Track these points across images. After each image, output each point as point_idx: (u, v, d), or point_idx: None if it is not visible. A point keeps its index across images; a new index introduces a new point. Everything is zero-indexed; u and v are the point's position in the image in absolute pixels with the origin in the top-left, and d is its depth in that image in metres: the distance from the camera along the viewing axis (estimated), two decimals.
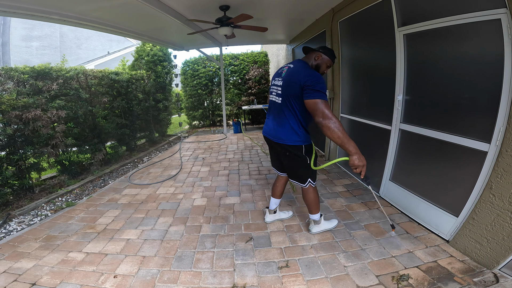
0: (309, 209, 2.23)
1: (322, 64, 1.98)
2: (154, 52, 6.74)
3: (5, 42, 11.89)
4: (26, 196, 3.30)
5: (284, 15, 4.27)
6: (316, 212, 2.21)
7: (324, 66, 1.98)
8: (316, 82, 1.73)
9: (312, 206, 2.19)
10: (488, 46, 1.73)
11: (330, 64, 2.01)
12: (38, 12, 2.94)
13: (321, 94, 1.71)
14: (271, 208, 2.47)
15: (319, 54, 1.97)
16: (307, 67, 1.89)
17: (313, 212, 2.22)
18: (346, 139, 1.67)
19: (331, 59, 1.99)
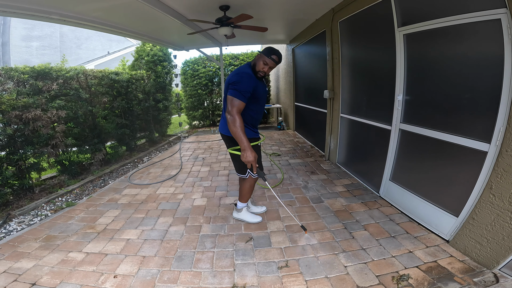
0: (239, 196, 2.46)
1: (258, 62, 2.06)
2: (154, 52, 6.74)
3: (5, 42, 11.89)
4: (26, 196, 3.30)
5: (284, 15, 4.27)
6: (242, 201, 2.44)
7: (260, 63, 2.04)
8: (237, 81, 1.94)
9: (242, 194, 2.41)
10: (488, 46, 1.73)
11: (266, 61, 2.03)
12: (38, 12, 2.94)
13: (236, 93, 1.91)
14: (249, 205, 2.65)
15: (259, 53, 2.10)
16: (242, 67, 2.08)
17: (240, 200, 2.45)
18: (239, 136, 1.88)
19: (267, 56, 2.02)
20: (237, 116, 1.88)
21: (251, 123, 2.18)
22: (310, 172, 3.80)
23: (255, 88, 2.02)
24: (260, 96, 2.12)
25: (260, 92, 2.10)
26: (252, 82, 1.98)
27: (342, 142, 3.95)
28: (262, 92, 2.15)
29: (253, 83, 1.99)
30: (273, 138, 6.25)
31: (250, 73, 2.03)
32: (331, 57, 3.97)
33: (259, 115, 2.23)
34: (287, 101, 7.55)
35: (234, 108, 1.89)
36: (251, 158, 1.88)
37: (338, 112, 3.93)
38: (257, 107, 2.16)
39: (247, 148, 1.88)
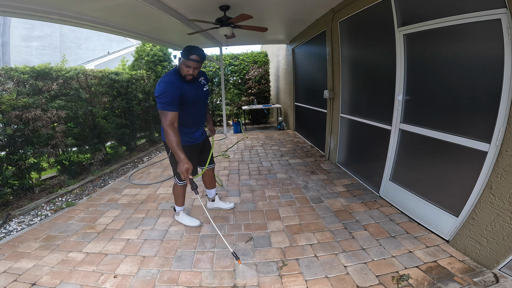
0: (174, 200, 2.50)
1: (180, 66, 1.96)
2: (154, 52, 6.74)
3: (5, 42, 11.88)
4: (26, 196, 3.30)
5: (284, 15, 4.27)
6: (177, 205, 2.49)
7: (183, 67, 1.94)
8: (156, 94, 1.89)
9: (174, 198, 2.48)
10: (488, 46, 1.73)
11: (187, 63, 1.92)
12: (38, 12, 2.94)
13: (162, 105, 1.87)
14: (209, 196, 2.77)
15: (180, 57, 1.99)
16: (165, 75, 1.99)
17: (176, 204, 2.50)
18: (173, 149, 1.88)
19: (184, 58, 1.92)
20: (170, 129, 1.85)
21: (188, 128, 2.14)
22: (310, 172, 3.80)
23: (183, 94, 1.94)
24: (189, 100, 2.01)
25: (189, 95, 1.99)
26: (174, 89, 1.89)
27: (342, 142, 3.95)
28: (191, 96, 2.02)
29: (177, 90, 1.90)
30: (273, 138, 6.25)
31: (172, 80, 1.92)
32: (331, 57, 3.96)
33: (195, 119, 2.16)
34: (287, 101, 7.55)
35: (166, 121, 1.86)
36: (182, 169, 1.86)
37: (338, 112, 3.93)
38: (190, 112, 2.07)
39: (180, 161, 1.86)
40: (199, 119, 2.21)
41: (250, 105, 8.09)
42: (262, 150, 5.20)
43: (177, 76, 1.98)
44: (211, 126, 2.66)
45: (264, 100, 8.69)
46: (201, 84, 2.16)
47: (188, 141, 2.18)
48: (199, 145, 2.33)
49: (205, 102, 2.23)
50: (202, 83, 2.18)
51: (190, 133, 2.18)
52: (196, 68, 1.95)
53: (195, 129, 2.21)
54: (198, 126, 2.23)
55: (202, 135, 2.36)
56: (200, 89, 2.15)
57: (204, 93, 2.19)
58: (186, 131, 2.15)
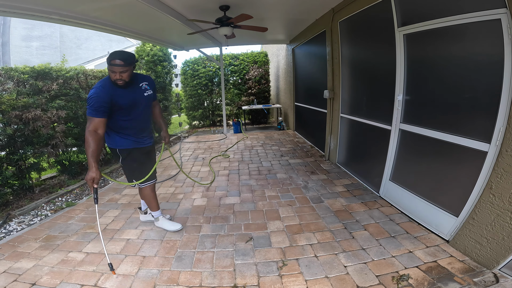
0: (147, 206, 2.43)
1: (108, 73, 1.92)
2: (154, 52, 6.73)
3: (5, 42, 11.88)
4: (26, 196, 3.30)
5: (284, 15, 4.27)
6: (152, 210, 2.41)
7: (110, 73, 1.90)
8: (88, 98, 1.87)
9: (147, 203, 2.40)
10: (488, 46, 1.73)
11: (111, 69, 1.87)
12: (38, 12, 2.94)
13: (90, 111, 1.86)
14: (142, 209, 2.56)
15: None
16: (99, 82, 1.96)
17: (151, 210, 2.42)
18: (88, 155, 1.82)
19: (108, 64, 1.89)
20: (89, 136, 1.81)
21: (129, 133, 2.10)
22: (310, 172, 3.80)
23: (114, 99, 1.90)
24: (123, 106, 1.97)
25: (121, 102, 1.94)
26: (103, 94, 1.85)
27: (342, 142, 3.95)
28: (125, 101, 1.97)
29: (106, 95, 1.86)
30: (273, 138, 6.25)
31: (103, 85, 1.90)
32: (331, 57, 3.97)
33: (135, 124, 2.10)
34: (287, 101, 7.55)
35: (88, 127, 1.83)
36: (87, 177, 1.81)
37: (338, 112, 3.93)
38: (126, 117, 2.03)
39: (89, 169, 1.82)
40: (140, 124, 2.14)
41: (250, 105, 8.09)
42: (262, 150, 5.20)
43: (110, 82, 1.94)
44: (164, 133, 2.48)
45: (264, 100, 8.69)
46: (142, 89, 2.10)
47: (133, 145, 2.14)
48: (148, 148, 2.27)
49: (146, 107, 2.17)
50: (144, 87, 2.11)
51: (133, 136, 2.13)
52: (122, 72, 1.88)
53: (137, 133, 2.15)
54: (141, 130, 2.16)
55: (149, 139, 2.27)
56: (139, 93, 2.08)
57: (145, 98, 2.11)
58: (128, 134, 2.10)
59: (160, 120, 2.46)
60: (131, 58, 1.93)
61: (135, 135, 2.14)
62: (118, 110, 1.97)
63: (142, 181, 2.21)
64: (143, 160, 2.24)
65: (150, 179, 2.27)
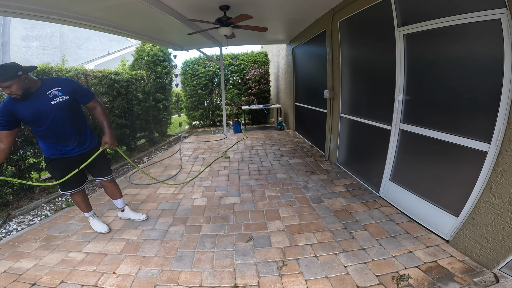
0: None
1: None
2: (154, 52, 6.74)
3: (5, 42, 11.88)
4: (26, 196, 3.30)
5: (284, 15, 4.27)
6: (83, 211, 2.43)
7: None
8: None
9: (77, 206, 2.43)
10: (488, 46, 1.73)
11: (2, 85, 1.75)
12: (38, 12, 2.94)
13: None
14: (118, 206, 2.60)
15: None
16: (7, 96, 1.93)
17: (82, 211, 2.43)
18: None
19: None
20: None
21: (52, 142, 2.05)
22: (310, 172, 3.81)
23: (17, 114, 1.85)
24: (30, 118, 1.89)
25: (26, 115, 1.87)
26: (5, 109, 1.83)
27: (342, 142, 3.95)
28: (33, 110, 1.87)
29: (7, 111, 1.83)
30: (273, 138, 6.25)
31: (5, 100, 1.86)
32: (331, 57, 3.97)
33: (53, 134, 2.00)
34: (287, 101, 7.55)
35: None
36: None
37: (338, 112, 3.93)
38: (39, 127, 1.96)
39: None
40: (58, 134, 2.02)
41: (250, 105, 8.09)
42: (262, 150, 5.20)
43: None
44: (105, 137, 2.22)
45: (264, 100, 8.70)
46: (48, 97, 1.92)
47: (56, 154, 2.09)
48: (75, 158, 2.14)
49: (59, 117, 1.97)
50: (52, 95, 1.93)
51: (57, 146, 2.07)
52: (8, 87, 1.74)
53: (60, 142, 2.06)
54: (63, 139, 2.06)
55: (79, 148, 2.15)
56: (44, 103, 1.90)
57: (53, 106, 1.93)
58: (50, 144, 2.06)
59: (102, 123, 2.25)
60: (7, 72, 1.72)
61: (56, 144, 2.06)
62: (26, 123, 1.95)
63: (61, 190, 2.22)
64: (63, 170, 2.11)
65: (70, 188, 2.19)
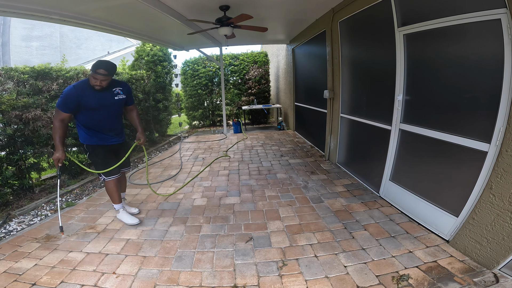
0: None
1: (89, 78, 2.18)
2: (154, 52, 6.74)
3: (5, 42, 11.88)
4: (26, 196, 3.30)
5: (284, 15, 4.27)
6: (114, 202, 2.55)
7: (91, 78, 2.16)
8: (62, 92, 2.15)
9: (109, 197, 2.55)
10: (488, 46, 1.73)
11: (94, 76, 2.14)
12: (38, 12, 2.94)
13: (58, 102, 2.15)
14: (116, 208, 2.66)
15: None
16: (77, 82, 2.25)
17: (113, 202, 2.56)
18: (54, 139, 2.19)
19: (92, 71, 2.14)
20: (58, 123, 2.14)
21: (98, 130, 2.32)
22: (310, 172, 3.80)
23: (82, 99, 2.14)
24: (93, 106, 2.21)
25: (89, 104, 2.18)
26: (72, 96, 2.12)
27: (342, 142, 3.95)
28: (98, 102, 2.22)
29: (74, 97, 2.12)
30: (273, 138, 6.25)
31: (79, 85, 2.17)
32: (331, 57, 3.97)
33: (103, 124, 2.32)
34: (287, 101, 7.55)
35: (58, 117, 2.14)
36: (54, 157, 2.19)
37: (338, 112, 3.93)
38: (94, 117, 2.26)
39: (56, 150, 2.18)
40: (106, 123, 2.34)
41: (250, 105, 8.09)
42: (262, 150, 5.20)
43: (86, 83, 2.20)
44: (139, 134, 2.62)
45: (264, 100, 8.70)
46: (113, 93, 2.33)
47: (99, 141, 2.35)
48: (114, 146, 2.46)
49: (114, 110, 2.38)
50: (116, 92, 2.34)
51: (99, 134, 2.34)
52: (103, 80, 2.16)
53: (104, 131, 2.35)
54: (107, 129, 2.36)
55: (118, 138, 2.48)
56: (109, 97, 2.30)
57: (114, 102, 2.34)
58: (94, 132, 2.32)
59: (137, 123, 2.65)
60: (114, 69, 2.24)
61: (101, 132, 2.34)
62: (84, 108, 2.20)
63: (104, 172, 2.38)
64: (107, 156, 2.41)
65: (112, 173, 2.42)
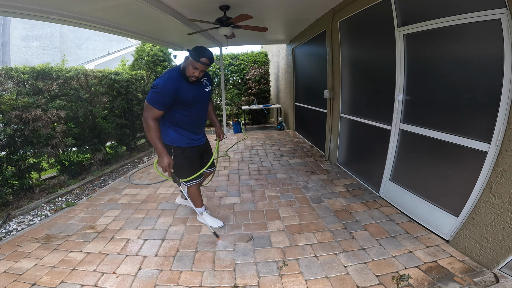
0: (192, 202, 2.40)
1: (187, 66, 1.90)
2: (154, 52, 6.74)
3: (5, 42, 11.88)
4: (26, 196, 3.30)
5: (284, 15, 4.27)
6: (197, 206, 2.42)
7: (190, 67, 1.88)
8: (153, 86, 1.85)
9: (192, 200, 2.38)
10: (488, 46, 1.73)
11: (195, 65, 1.87)
12: (38, 12, 2.94)
13: (150, 98, 1.84)
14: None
15: (187, 56, 1.93)
16: (169, 70, 1.97)
17: (195, 206, 2.41)
18: (153, 142, 1.89)
19: (194, 59, 1.86)
20: (152, 123, 1.84)
21: (189, 129, 2.08)
22: (310, 172, 3.80)
23: (178, 93, 1.87)
24: (188, 100, 1.96)
25: (186, 96, 1.93)
26: (170, 88, 1.83)
27: (342, 142, 3.95)
28: (190, 96, 1.96)
29: (172, 90, 1.84)
30: (273, 138, 6.25)
31: (171, 77, 1.88)
32: (331, 57, 3.96)
33: (196, 120, 2.10)
34: (287, 101, 7.54)
35: (151, 116, 1.85)
36: (164, 163, 1.92)
37: (338, 112, 3.93)
38: (189, 112, 2.02)
39: (162, 154, 1.90)
40: (199, 120, 2.14)
41: (250, 105, 8.09)
42: (262, 150, 5.20)
43: (178, 74, 1.92)
44: (218, 129, 2.53)
45: (264, 100, 8.69)
46: (203, 85, 2.09)
47: (189, 143, 2.12)
48: (202, 147, 2.27)
49: (206, 104, 2.17)
50: (205, 83, 2.11)
51: (190, 134, 2.11)
52: (202, 71, 1.91)
53: (195, 130, 2.14)
54: (198, 127, 2.16)
55: (203, 137, 2.29)
56: (202, 89, 2.07)
57: (206, 94, 2.12)
58: (185, 131, 2.09)
59: (213, 116, 2.46)
60: (213, 58, 1.96)
61: (192, 132, 2.12)
62: (179, 104, 1.94)
63: (190, 179, 2.18)
64: (195, 160, 2.22)
65: (197, 178, 2.24)
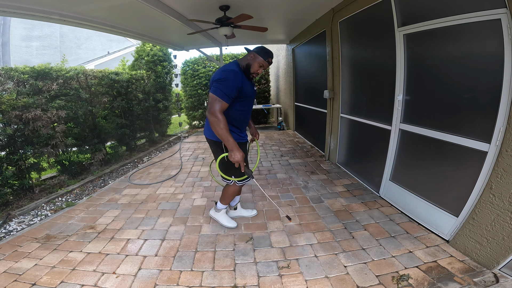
0: (221, 196, 2.39)
1: (253, 63, 1.97)
2: (154, 52, 6.73)
3: (5, 42, 11.88)
4: (26, 196, 3.30)
5: (284, 15, 4.27)
6: (223, 203, 2.39)
7: (256, 65, 1.96)
8: (220, 78, 1.82)
9: (224, 196, 2.35)
10: (488, 46, 1.73)
11: (263, 64, 1.97)
12: (38, 12, 2.94)
13: (218, 90, 1.79)
14: (232, 204, 2.59)
15: (253, 54, 1.99)
16: (229, 65, 1.95)
17: (221, 201, 2.40)
18: (225, 136, 1.81)
19: (263, 58, 1.96)
20: (221, 116, 1.78)
21: (238, 125, 2.07)
22: (310, 172, 3.80)
23: (242, 87, 1.89)
24: (248, 96, 1.99)
25: (247, 91, 1.96)
26: (238, 81, 1.85)
27: (342, 142, 3.95)
28: (250, 92, 2.01)
29: (239, 82, 1.86)
30: (273, 138, 6.25)
31: (237, 71, 1.90)
32: (331, 57, 3.97)
33: (246, 117, 2.10)
34: (287, 101, 7.55)
35: (218, 108, 1.79)
36: (238, 157, 1.83)
37: (338, 112, 3.93)
38: (244, 107, 2.03)
39: (234, 148, 1.82)
40: (248, 116, 2.15)
41: None
42: (262, 150, 5.20)
43: (240, 69, 1.96)
44: (253, 129, 2.46)
45: (264, 100, 8.69)
46: (252, 83, 2.13)
47: (238, 139, 2.07)
48: (245, 144, 2.24)
49: (253, 101, 2.18)
50: (252, 82, 2.15)
51: (238, 130, 2.10)
52: (264, 70, 2.00)
53: (243, 126, 2.13)
54: (245, 123, 2.15)
55: (247, 136, 2.25)
56: (253, 87, 2.11)
57: (254, 91, 2.14)
58: (235, 127, 2.07)
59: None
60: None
61: (239, 128, 2.10)
62: (239, 98, 1.93)
63: (241, 179, 2.14)
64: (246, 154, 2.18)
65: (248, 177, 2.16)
